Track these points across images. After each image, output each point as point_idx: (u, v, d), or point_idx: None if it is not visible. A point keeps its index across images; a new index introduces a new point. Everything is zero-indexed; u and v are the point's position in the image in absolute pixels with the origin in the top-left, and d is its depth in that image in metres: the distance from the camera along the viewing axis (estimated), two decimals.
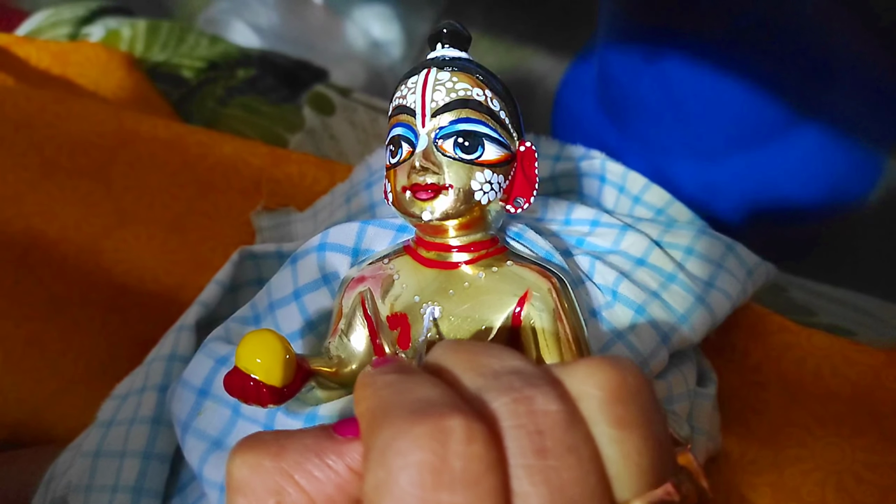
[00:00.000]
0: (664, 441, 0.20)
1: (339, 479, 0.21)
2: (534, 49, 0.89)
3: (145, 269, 0.46)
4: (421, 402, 0.19)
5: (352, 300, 0.30)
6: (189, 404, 0.31)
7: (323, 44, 0.77)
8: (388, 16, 0.83)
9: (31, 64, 0.60)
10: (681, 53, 0.64)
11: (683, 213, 0.41)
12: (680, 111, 0.67)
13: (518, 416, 0.19)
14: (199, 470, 0.30)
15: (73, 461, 0.35)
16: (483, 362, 0.21)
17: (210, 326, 0.35)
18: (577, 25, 0.85)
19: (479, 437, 0.18)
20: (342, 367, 0.29)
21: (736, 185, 0.70)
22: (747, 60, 0.63)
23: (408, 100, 0.28)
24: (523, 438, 0.18)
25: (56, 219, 0.47)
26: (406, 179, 0.28)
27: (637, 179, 0.41)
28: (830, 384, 0.37)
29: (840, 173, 0.69)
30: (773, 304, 0.42)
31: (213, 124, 0.61)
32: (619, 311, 0.33)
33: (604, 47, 0.69)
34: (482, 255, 0.29)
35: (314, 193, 0.47)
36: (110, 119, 0.48)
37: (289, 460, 0.21)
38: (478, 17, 0.87)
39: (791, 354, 0.38)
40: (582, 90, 0.78)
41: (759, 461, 0.37)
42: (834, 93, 0.66)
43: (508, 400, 0.19)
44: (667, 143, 0.71)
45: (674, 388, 0.34)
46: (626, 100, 0.70)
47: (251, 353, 0.25)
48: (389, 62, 0.83)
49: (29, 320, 0.46)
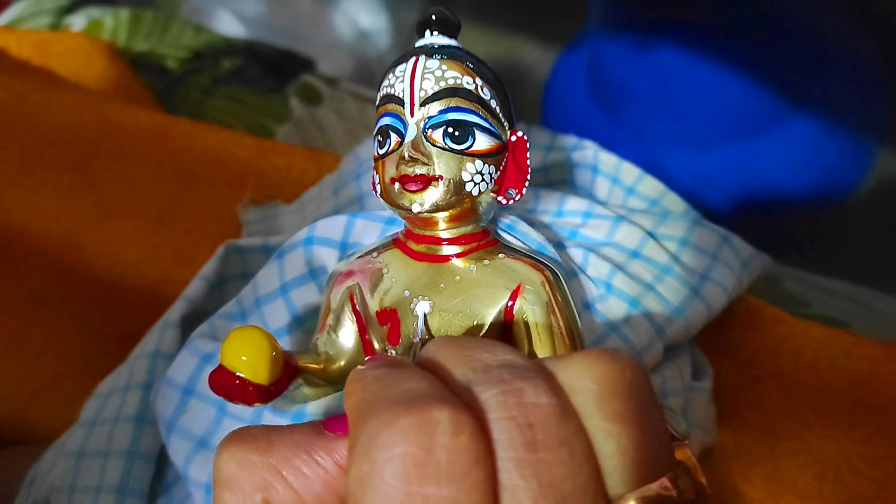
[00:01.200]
0: (661, 436, 0.20)
1: (327, 477, 0.20)
2: (523, 39, 0.88)
3: (129, 264, 0.45)
4: (408, 394, 0.19)
5: (340, 295, 0.29)
6: (174, 403, 0.31)
7: (309, 33, 0.76)
8: (375, 5, 0.82)
9: (10, 54, 0.59)
10: (673, 43, 0.63)
11: (677, 204, 0.40)
12: (672, 101, 0.67)
13: (507, 408, 0.18)
14: (184, 470, 0.30)
15: (55, 462, 0.35)
16: (475, 356, 0.20)
17: (195, 322, 0.34)
18: (567, 15, 0.85)
19: (467, 429, 0.17)
20: (330, 363, 0.29)
21: (728, 175, 0.70)
22: (740, 50, 0.63)
23: (396, 88, 0.28)
24: (513, 431, 0.18)
25: (37, 212, 0.46)
26: (395, 170, 0.27)
27: (630, 170, 0.41)
28: (827, 377, 0.37)
29: (832, 163, 0.69)
30: (768, 295, 0.42)
31: (198, 115, 0.60)
32: (613, 303, 0.32)
33: (595, 36, 0.69)
34: (473, 248, 0.28)
35: (302, 185, 0.46)
36: (92, 110, 0.47)
37: (277, 456, 0.21)
38: (467, 7, 0.86)
39: (787, 347, 0.38)
40: (572, 80, 0.77)
41: (754, 453, 0.37)
42: (826, 82, 0.66)
43: (497, 392, 0.19)
44: (658, 133, 0.71)
45: (669, 381, 0.34)
46: (617, 89, 0.70)
47: (236, 350, 0.25)
48: (377, 52, 0.82)
49: (10, 317, 0.45)
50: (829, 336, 0.38)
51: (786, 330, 0.38)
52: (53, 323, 0.46)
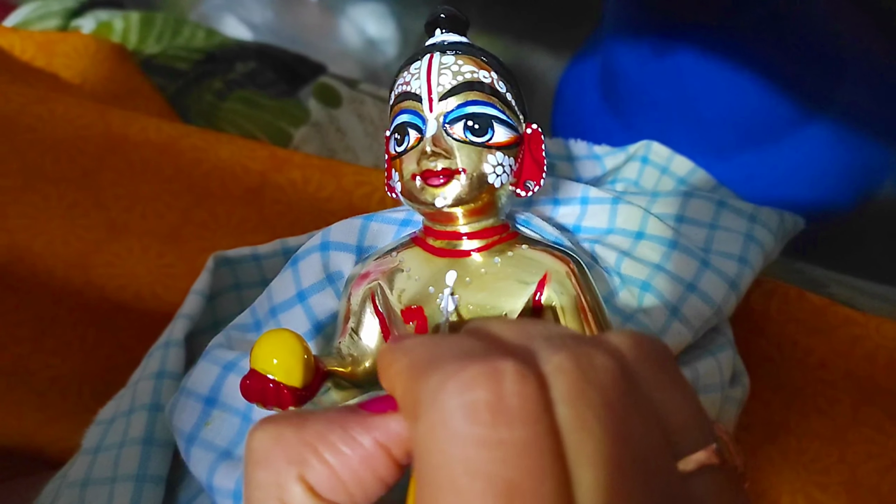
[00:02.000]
0: (699, 405, 0.20)
1: (364, 453, 0.20)
2: (532, 46, 0.88)
3: (141, 285, 0.43)
4: (466, 351, 0.19)
5: (360, 297, 0.29)
6: (195, 414, 0.30)
7: (317, 41, 0.75)
8: (382, 13, 0.81)
9: (14, 55, 0.57)
10: (691, 47, 0.63)
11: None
12: (690, 107, 0.66)
13: (582, 369, 0.18)
14: (207, 481, 0.29)
15: (58, 492, 0.34)
16: (527, 329, 0.20)
17: (190, 339, 0.34)
18: (577, 22, 0.84)
19: (533, 380, 0.18)
20: (356, 365, 0.29)
21: (747, 182, 0.69)
22: (759, 54, 0.62)
23: (412, 85, 0.28)
24: (590, 391, 0.18)
25: (41, 231, 0.44)
26: (416, 166, 0.27)
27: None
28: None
29: (852, 169, 0.68)
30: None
31: (212, 118, 0.59)
32: (624, 291, 0.33)
33: (610, 41, 0.68)
34: (494, 241, 0.29)
35: (318, 200, 0.45)
36: (97, 121, 0.45)
37: (311, 431, 0.20)
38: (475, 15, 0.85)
39: (860, 348, 0.36)
40: (585, 87, 0.77)
41: (823, 459, 0.36)
42: (845, 87, 0.66)
43: (567, 355, 0.18)
44: (675, 140, 0.69)
45: (703, 377, 0.33)
46: (633, 95, 0.69)
47: (268, 353, 0.24)
48: (385, 60, 0.81)
49: (15, 342, 0.43)
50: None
51: (857, 330, 0.36)
52: (62, 349, 0.44)
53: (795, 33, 0.63)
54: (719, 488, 0.19)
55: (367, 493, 0.20)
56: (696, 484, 0.19)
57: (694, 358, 0.33)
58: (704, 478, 0.19)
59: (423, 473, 0.18)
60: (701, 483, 0.19)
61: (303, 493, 0.20)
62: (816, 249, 0.44)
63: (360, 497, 0.20)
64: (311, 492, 0.20)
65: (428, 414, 0.17)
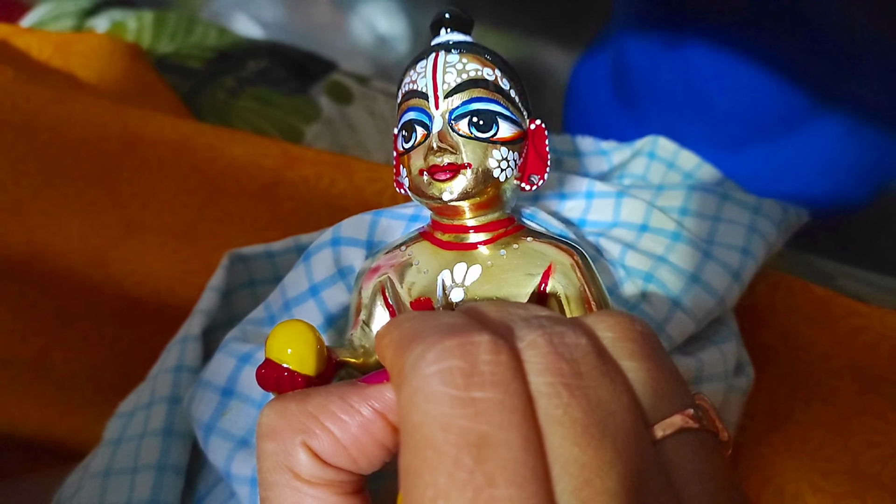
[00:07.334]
0: (676, 374, 0.22)
1: (363, 420, 0.22)
2: (543, 42, 0.88)
3: (158, 280, 0.44)
4: (448, 325, 0.20)
5: (370, 290, 0.30)
6: (212, 405, 0.31)
7: (328, 38, 0.76)
8: (393, 10, 0.81)
9: (31, 55, 0.58)
10: (702, 41, 0.63)
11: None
12: (701, 100, 0.66)
13: (553, 345, 0.20)
14: (225, 469, 0.30)
15: (80, 483, 0.34)
16: (510, 310, 0.22)
17: (207, 334, 0.35)
18: (587, 16, 0.84)
19: (506, 351, 0.19)
20: (367, 356, 0.29)
21: (758, 176, 0.69)
22: (770, 48, 0.62)
23: (418, 84, 0.29)
24: (561, 363, 0.20)
25: (60, 229, 0.45)
26: (423, 162, 0.28)
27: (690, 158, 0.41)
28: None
29: (865, 163, 0.68)
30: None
31: (225, 116, 0.60)
32: (628, 282, 0.33)
33: (621, 36, 0.68)
34: (500, 234, 0.29)
35: (331, 196, 0.45)
36: (114, 121, 0.46)
37: (313, 403, 0.22)
38: (485, 11, 0.85)
39: (863, 339, 0.36)
40: (596, 81, 0.77)
41: (826, 448, 0.36)
42: (857, 81, 0.65)
43: (541, 333, 0.20)
44: (687, 134, 0.69)
45: (707, 366, 0.33)
46: (644, 89, 0.69)
47: (283, 343, 0.25)
48: (396, 57, 0.82)
49: (35, 335, 0.44)
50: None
51: (860, 321, 0.37)
52: (80, 342, 0.45)
53: (807, 27, 0.62)
54: (693, 452, 0.20)
55: (369, 457, 0.22)
56: (671, 446, 0.20)
57: (698, 348, 0.33)
58: (679, 441, 0.20)
59: (405, 433, 0.19)
60: (675, 446, 0.20)
61: (308, 459, 0.22)
62: (826, 242, 0.44)
63: (363, 462, 0.22)
64: (315, 457, 0.22)
65: (409, 380, 0.19)
